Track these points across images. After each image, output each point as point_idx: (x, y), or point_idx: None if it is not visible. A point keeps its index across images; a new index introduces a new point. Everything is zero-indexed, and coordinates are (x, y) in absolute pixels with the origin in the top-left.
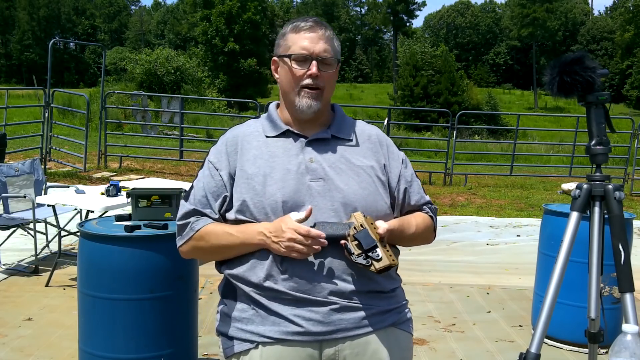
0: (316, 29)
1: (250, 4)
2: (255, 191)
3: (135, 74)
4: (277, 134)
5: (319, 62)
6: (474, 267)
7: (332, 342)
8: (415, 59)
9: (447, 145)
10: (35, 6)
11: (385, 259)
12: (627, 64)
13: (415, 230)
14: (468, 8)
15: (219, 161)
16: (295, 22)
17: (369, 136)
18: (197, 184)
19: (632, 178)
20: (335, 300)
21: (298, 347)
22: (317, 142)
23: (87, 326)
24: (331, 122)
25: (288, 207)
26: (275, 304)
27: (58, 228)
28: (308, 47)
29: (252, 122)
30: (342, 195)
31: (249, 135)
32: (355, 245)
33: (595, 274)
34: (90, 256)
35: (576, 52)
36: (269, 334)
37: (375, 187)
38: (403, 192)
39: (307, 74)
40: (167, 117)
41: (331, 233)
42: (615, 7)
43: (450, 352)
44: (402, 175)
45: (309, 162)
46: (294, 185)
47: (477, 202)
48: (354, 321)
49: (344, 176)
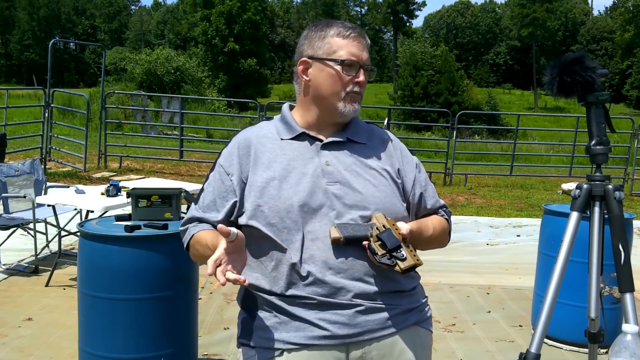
0: (361, 38)
1: (250, 4)
2: (271, 195)
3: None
4: (292, 137)
5: (365, 69)
6: (474, 267)
7: (359, 344)
8: (415, 59)
9: (447, 145)
10: (35, 6)
11: (409, 259)
12: (627, 64)
13: (433, 233)
14: (468, 8)
15: (230, 165)
16: (336, 28)
17: (383, 140)
18: (207, 187)
19: (632, 178)
20: (360, 302)
21: (325, 351)
22: (333, 145)
23: (87, 326)
24: (346, 125)
25: (304, 210)
26: (299, 309)
27: (58, 228)
28: (357, 54)
29: (264, 123)
30: (359, 198)
31: (262, 137)
32: (379, 245)
33: (595, 274)
34: (90, 256)
35: (576, 52)
36: (294, 340)
37: (392, 190)
38: (419, 196)
39: (355, 81)
40: (167, 117)
41: (353, 234)
42: (615, 7)
43: (450, 352)
44: (417, 180)
45: (325, 166)
46: (310, 188)
47: (477, 202)
48: (379, 322)
49: (361, 179)
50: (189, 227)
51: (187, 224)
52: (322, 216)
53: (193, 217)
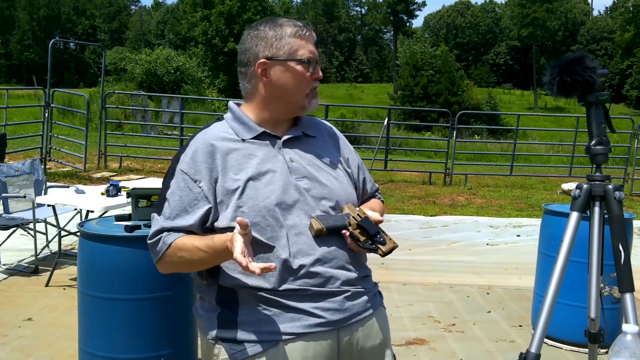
0: (313, 34)
1: (250, 4)
2: (249, 196)
3: (135, 74)
4: (254, 137)
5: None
6: (474, 267)
7: (348, 327)
8: (415, 59)
9: (447, 145)
10: (35, 6)
11: (389, 242)
12: (627, 64)
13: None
14: (468, 8)
15: (196, 171)
16: (292, 27)
17: (328, 131)
18: (171, 197)
19: (632, 178)
20: (347, 289)
21: (320, 338)
22: (291, 141)
23: (87, 326)
24: (297, 120)
25: (282, 207)
26: (292, 301)
27: (58, 228)
28: (314, 51)
29: (218, 125)
30: (327, 191)
31: (223, 139)
32: (359, 232)
33: (595, 274)
34: (90, 256)
35: (576, 52)
36: (290, 330)
37: (347, 180)
38: (362, 182)
39: (314, 77)
40: (167, 117)
41: (333, 224)
42: (615, 7)
43: (450, 352)
44: (360, 167)
45: (290, 162)
46: (283, 186)
47: (477, 202)
48: (362, 305)
49: (323, 172)
50: (162, 237)
51: (157, 236)
52: (299, 211)
53: (163, 228)
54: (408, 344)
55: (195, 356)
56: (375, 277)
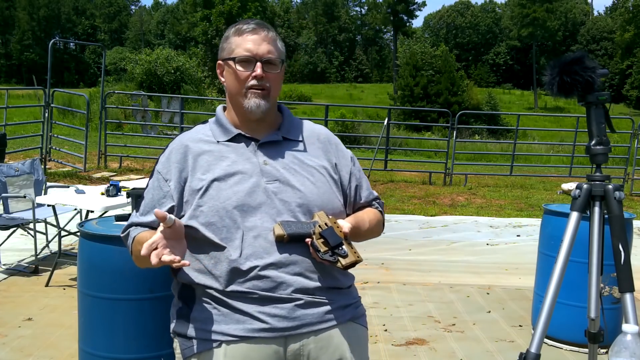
0: (259, 30)
1: (251, 4)
2: (210, 196)
3: (135, 74)
4: (229, 139)
5: (263, 63)
6: (474, 267)
7: (297, 337)
8: (415, 59)
9: (447, 145)
10: (35, 6)
11: (350, 256)
12: (627, 64)
13: (369, 226)
14: (468, 8)
15: (168, 171)
16: (237, 25)
17: (318, 136)
18: (146, 195)
19: (632, 178)
20: (299, 297)
21: (263, 344)
22: (269, 144)
23: (87, 326)
24: (280, 123)
25: (244, 210)
26: (239, 302)
27: (58, 228)
28: (252, 49)
29: (200, 127)
30: (298, 195)
31: (198, 141)
32: (322, 242)
33: (595, 274)
34: (90, 256)
35: (576, 52)
36: (233, 332)
37: (329, 186)
38: (354, 189)
39: (252, 75)
40: (167, 117)
41: (296, 231)
42: (615, 7)
43: (450, 352)
44: (353, 174)
45: (263, 165)
46: (249, 188)
47: (477, 202)
48: (317, 316)
49: (299, 177)
50: (130, 231)
51: (126, 230)
52: (263, 214)
53: (132, 223)
54: (408, 344)
55: None
56: (375, 277)
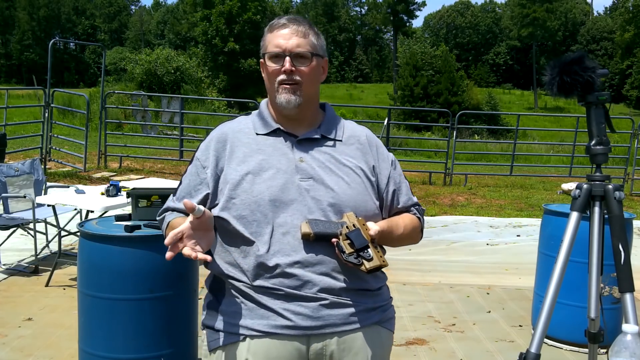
0: (289, 25)
1: (251, 4)
2: (244, 189)
3: (135, 74)
4: (268, 132)
5: (292, 57)
6: (474, 267)
7: (320, 337)
8: (415, 59)
9: (447, 145)
10: (35, 6)
11: (376, 259)
12: (627, 64)
13: (403, 232)
14: (468, 8)
15: (206, 158)
16: (271, 22)
17: (359, 137)
18: (184, 180)
19: (632, 178)
20: (324, 297)
21: (286, 340)
22: (307, 141)
23: (87, 326)
24: (321, 121)
25: (276, 205)
26: (265, 297)
27: (58, 228)
28: (281, 44)
29: (242, 118)
30: (331, 195)
31: (238, 132)
32: (348, 244)
33: (595, 274)
34: (90, 256)
35: (576, 52)
36: (257, 327)
37: (364, 188)
38: (392, 193)
39: (282, 70)
40: (167, 117)
41: (323, 231)
42: (615, 7)
43: (450, 352)
44: (391, 177)
45: (298, 162)
46: (282, 184)
47: (477, 202)
48: (342, 317)
49: (334, 176)
50: (165, 215)
51: (163, 214)
52: (294, 211)
53: (168, 207)
54: (408, 344)
55: (195, 356)
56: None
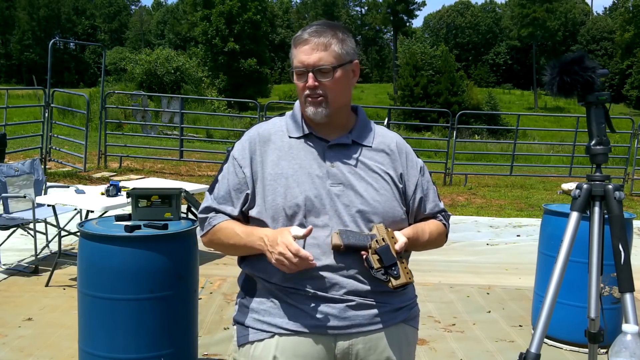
0: (311, 39)
1: (251, 4)
2: (277, 193)
3: (135, 74)
4: (300, 136)
5: (315, 72)
6: (474, 267)
7: (346, 336)
8: (415, 59)
9: (447, 145)
10: (35, 6)
11: (403, 277)
12: (627, 64)
13: (429, 238)
14: (468, 8)
15: (243, 158)
16: (297, 33)
17: (389, 143)
18: (222, 179)
19: (632, 178)
20: (351, 298)
21: (313, 339)
22: (338, 147)
23: (87, 326)
24: (353, 126)
25: (307, 209)
26: (294, 298)
27: (58, 228)
28: (303, 60)
29: (277, 120)
30: (360, 201)
31: (273, 134)
32: (377, 259)
33: (595, 274)
34: (90, 256)
35: (576, 52)
36: (287, 326)
37: (392, 194)
38: (419, 201)
39: (305, 86)
40: (167, 117)
41: (354, 243)
42: (615, 7)
43: (450, 352)
44: (419, 184)
45: (330, 167)
46: (314, 189)
47: (477, 202)
48: (368, 317)
49: (363, 182)
50: (209, 217)
51: (205, 213)
52: (324, 216)
53: (210, 207)
54: None
55: (195, 356)
56: None
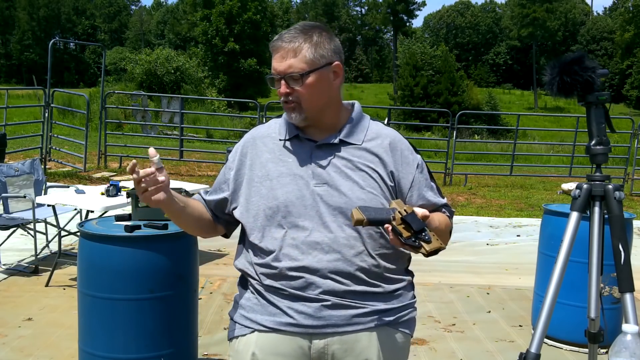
0: (282, 46)
1: (251, 4)
2: (260, 194)
3: (135, 74)
4: (289, 138)
5: (287, 79)
6: (474, 267)
7: (322, 335)
8: (415, 59)
9: (447, 145)
10: (35, 6)
11: (434, 242)
12: (627, 64)
13: (439, 226)
14: (468, 8)
15: (233, 160)
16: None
17: (383, 140)
18: (218, 177)
19: (632, 178)
20: (327, 298)
21: (290, 337)
22: (326, 146)
23: (87, 326)
24: (343, 125)
25: (289, 211)
26: (273, 296)
27: (58, 228)
28: (275, 67)
29: (273, 122)
30: (343, 200)
31: (266, 136)
32: (403, 228)
33: (595, 274)
34: (90, 256)
35: (576, 52)
36: (265, 323)
37: (380, 192)
38: (416, 197)
39: (280, 93)
40: (167, 117)
41: (375, 217)
42: (615, 7)
43: (450, 352)
44: (416, 181)
45: (315, 167)
46: (298, 190)
47: (477, 202)
48: (344, 318)
49: (349, 181)
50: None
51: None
52: (305, 217)
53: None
54: None
55: (195, 356)
56: None
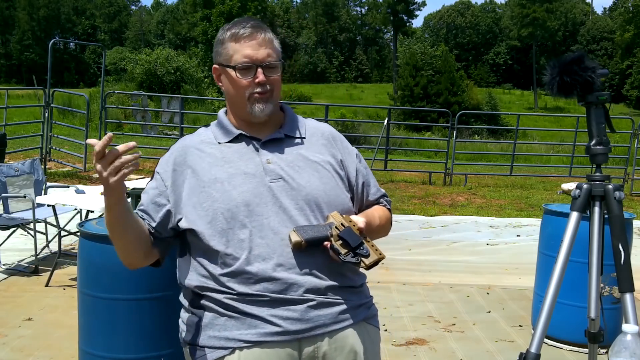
0: (255, 34)
1: (251, 4)
2: (214, 198)
3: (135, 74)
4: (230, 140)
5: (264, 68)
6: (474, 267)
7: (311, 339)
8: (415, 59)
9: (447, 145)
10: (35, 6)
11: (373, 254)
12: (627, 64)
13: (379, 223)
14: (468, 8)
15: (165, 172)
16: (233, 29)
17: (322, 133)
18: (144, 196)
19: (632, 178)
20: (311, 297)
21: (277, 348)
22: (271, 142)
23: (87, 326)
24: (283, 122)
25: (250, 210)
26: (250, 306)
27: (58, 228)
28: (251, 54)
29: (202, 130)
30: (305, 192)
31: (200, 143)
32: (340, 245)
33: (595, 274)
34: (90, 256)
35: (576, 52)
36: (246, 338)
37: (335, 182)
38: (362, 186)
39: (255, 82)
40: (167, 117)
41: (313, 236)
42: (615, 7)
43: (450, 352)
44: (359, 170)
45: (266, 164)
46: (253, 188)
47: (477, 202)
48: (331, 316)
49: (304, 173)
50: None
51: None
52: (269, 213)
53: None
54: (408, 344)
55: None
56: (375, 277)
